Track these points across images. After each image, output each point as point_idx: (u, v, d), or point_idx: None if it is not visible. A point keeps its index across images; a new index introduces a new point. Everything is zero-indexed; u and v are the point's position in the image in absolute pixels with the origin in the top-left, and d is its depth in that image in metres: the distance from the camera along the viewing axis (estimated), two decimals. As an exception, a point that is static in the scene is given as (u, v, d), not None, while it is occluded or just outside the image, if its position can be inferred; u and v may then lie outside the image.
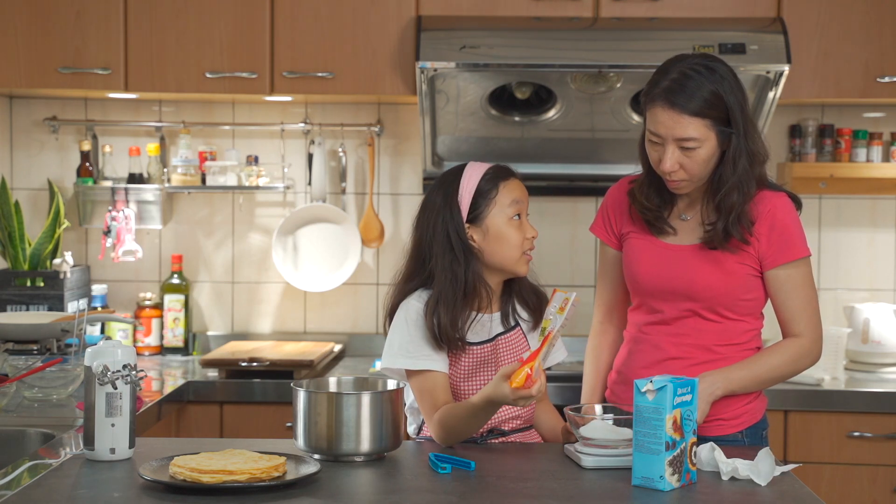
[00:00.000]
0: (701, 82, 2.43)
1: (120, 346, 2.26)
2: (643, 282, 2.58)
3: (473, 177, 2.46)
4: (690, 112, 2.42)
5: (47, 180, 4.06)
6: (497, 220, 2.44)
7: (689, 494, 2.07)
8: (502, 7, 3.69)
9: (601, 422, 2.27)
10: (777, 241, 2.51)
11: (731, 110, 2.44)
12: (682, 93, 2.42)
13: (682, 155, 2.45)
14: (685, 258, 2.54)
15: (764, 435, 2.61)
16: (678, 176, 2.47)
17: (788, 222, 2.52)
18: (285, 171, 4.06)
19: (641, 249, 2.59)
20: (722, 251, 2.52)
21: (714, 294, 2.52)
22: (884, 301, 4.03)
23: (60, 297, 3.82)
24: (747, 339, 2.57)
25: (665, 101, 2.43)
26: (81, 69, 3.72)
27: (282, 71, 3.71)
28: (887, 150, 3.99)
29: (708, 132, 2.44)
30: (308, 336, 4.11)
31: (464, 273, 2.42)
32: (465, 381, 2.46)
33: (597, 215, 2.71)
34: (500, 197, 2.45)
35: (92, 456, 2.25)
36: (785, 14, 3.66)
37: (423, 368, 2.40)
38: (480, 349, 2.46)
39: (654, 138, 2.47)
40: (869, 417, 3.47)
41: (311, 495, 2.03)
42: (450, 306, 2.40)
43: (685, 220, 2.57)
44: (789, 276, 2.52)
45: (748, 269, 2.53)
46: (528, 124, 3.92)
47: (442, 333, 2.39)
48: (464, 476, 2.17)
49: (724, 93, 2.44)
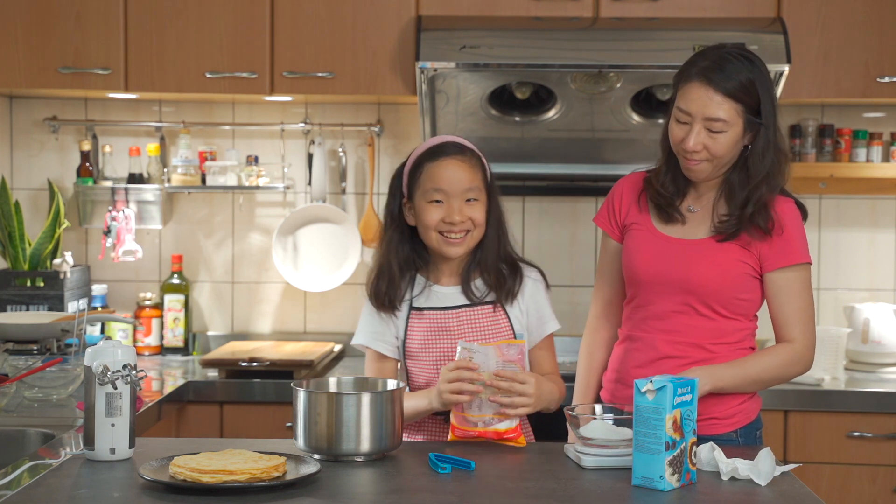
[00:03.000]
0: (739, 67, 2.47)
1: (120, 346, 2.26)
2: (640, 271, 2.59)
3: (413, 155, 2.54)
4: (725, 91, 2.46)
5: (47, 180, 4.06)
6: (419, 202, 2.50)
7: (689, 494, 2.07)
8: (502, 7, 3.69)
9: (601, 422, 2.28)
10: (780, 244, 2.52)
11: (762, 101, 2.49)
12: (720, 72, 2.46)
13: (708, 136, 2.48)
14: (686, 251, 2.56)
15: (758, 435, 2.62)
16: (700, 156, 2.50)
17: (794, 228, 2.54)
18: (285, 171, 4.06)
19: (642, 240, 2.60)
20: (725, 248, 2.53)
21: (710, 289, 2.53)
22: (884, 301, 4.03)
23: (60, 297, 3.82)
24: (740, 337, 2.58)
25: (702, 77, 2.47)
26: (81, 69, 3.72)
27: (282, 71, 3.71)
28: (887, 150, 3.99)
29: (737, 118, 2.47)
30: (308, 336, 4.11)
31: (395, 246, 2.54)
32: (423, 348, 2.52)
33: (601, 206, 2.72)
34: (422, 179, 2.50)
35: (92, 456, 2.24)
36: (785, 14, 3.66)
37: (367, 346, 2.58)
38: (433, 315, 2.52)
39: (683, 117, 2.50)
40: (869, 417, 3.47)
41: (311, 495, 2.03)
42: (383, 276, 2.54)
43: (692, 213, 2.59)
44: (788, 281, 2.53)
45: (747, 269, 2.53)
46: (528, 124, 3.92)
47: (377, 301, 2.54)
48: (464, 476, 2.17)
49: (759, 83, 2.49)
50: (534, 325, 2.55)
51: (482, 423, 2.37)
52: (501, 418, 2.37)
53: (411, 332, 2.52)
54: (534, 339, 2.56)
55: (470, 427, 2.37)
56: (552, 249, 4.06)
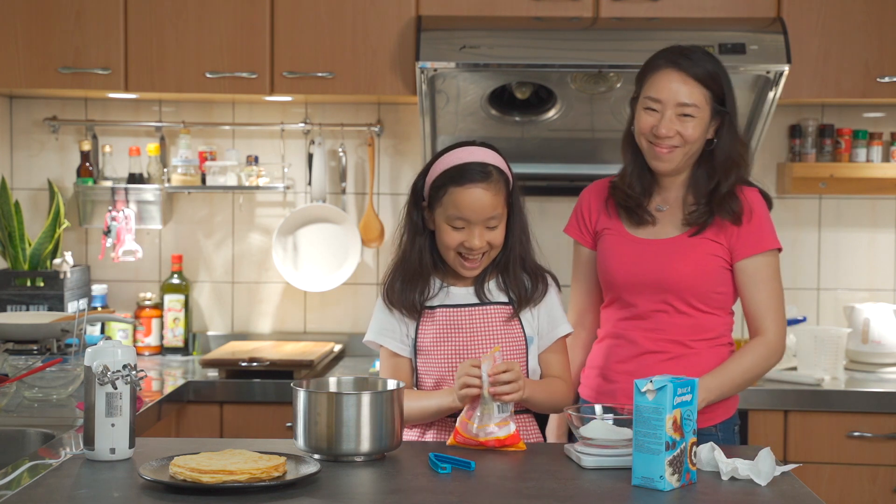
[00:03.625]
0: (704, 58, 2.57)
1: (120, 346, 2.26)
2: (617, 275, 2.64)
3: (438, 168, 2.52)
4: (695, 76, 2.54)
5: (47, 180, 4.06)
6: (440, 219, 2.51)
7: (689, 494, 2.07)
8: (502, 7, 3.69)
9: (601, 422, 2.28)
10: (749, 231, 2.58)
11: (726, 93, 2.57)
12: (687, 59, 2.55)
13: (679, 122, 2.54)
14: (659, 251, 2.61)
15: (736, 430, 2.69)
16: (673, 142, 2.55)
17: (762, 215, 2.60)
18: (285, 171, 4.06)
19: (615, 245, 2.66)
20: (697, 243, 2.58)
21: (686, 285, 2.58)
22: (884, 301, 4.03)
23: (60, 297, 3.82)
24: (719, 333, 2.63)
25: (672, 64, 2.55)
26: (81, 69, 3.72)
27: (282, 71, 3.71)
28: (887, 150, 3.99)
29: (705, 104, 2.55)
30: (308, 336, 4.11)
31: (411, 249, 2.55)
32: (434, 345, 2.52)
33: (570, 217, 2.77)
34: (444, 200, 2.49)
35: (92, 456, 2.24)
36: (785, 14, 3.66)
37: (379, 343, 2.57)
38: (445, 312, 2.52)
39: (654, 104, 2.56)
40: (869, 417, 3.47)
41: (311, 495, 2.03)
42: (399, 278, 2.54)
43: (661, 212, 2.64)
44: (757, 269, 2.58)
45: (720, 262, 2.59)
46: (528, 124, 3.91)
47: (391, 301, 2.54)
48: (464, 476, 2.17)
49: (722, 75, 2.58)
50: (544, 330, 2.55)
51: (483, 434, 2.37)
52: (501, 426, 2.37)
53: (423, 330, 2.53)
54: (544, 343, 2.56)
55: (472, 436, 2.37)
56: (552, 249, 4.01)
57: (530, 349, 2.52)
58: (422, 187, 2.56)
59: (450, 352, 2.51)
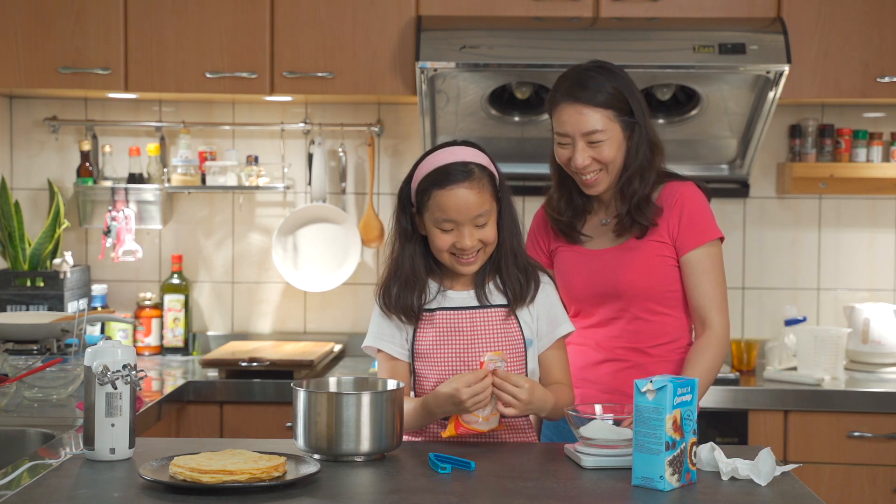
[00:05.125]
0: (601, 80, 2.57)
1: (120, 346, 2.26)
2: (575, 289, 2.68)
3: (421, 173, 2.51)
4: (595, 104, 2.54)
5: (47, 180, 4.06)
6: (429, 224, 2.49)
7: (689, 494, 2.07)
8: (502, 7, 3.69)
9: (601, 422, 2.28)
10: (688, 225, 2.60)
11: (631, 103, 2.58)
12: (584, 89, 2.56)
13: (591, 149, 2.56)
14: (608, 261, 2.64)
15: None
16: (592, 169, 2.58)
17: (698, 208, 2.62)
18: (285, 171, 4.07)
19: (569, 259, 2.70)
20: (644, 246, 2.61)
21: (639, 290, 2.61)
22: (884, 301, 4.03)
23: (60, 297, 3.82)
24: (678, 335, 2.66)
25: (569, 97, 2.56)
26: (81, 69, 3.72)
27: (282, 71, 3.71)
28: (887, 150, 3.99)
29: (612, 123, 2.56)
30: (308, 336, 4.11)
31: (402, 256, 2.52)
32: (434, 348, 2.50)
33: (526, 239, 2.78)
34: (430, 204, 2.47)
35: (92, 456, 2.24)
36: (785, 14, 3.66)
37: (377, 347, 2.53)
38: (444, 315, 2.51)
39: (563, 139, 2.59)
40: (869, 417, 3.47)
41: (311, 495, 2.03)
42: (394, 284, 2.51)
43: (606, 224, 2.68)
44: (699, 260, 2.61)
45: (668, 261, 2.62)
46: (528, 124, 3.92)
47: (388, 308, 2.51)
48: (464, 476, 2.17)
49: (623, 88, 2.58)
50: (544, 331, 2.55)
51: (483, 423, 2.37)
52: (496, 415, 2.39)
53: (422, 333, 2.51)
54: (544, 344, 2.56)
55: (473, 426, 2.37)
56: (552, 249, 4.05)
57: (529, 351, 2.51)
58: (408, 193, 2.54)
59: (449, 354, 2.50)
